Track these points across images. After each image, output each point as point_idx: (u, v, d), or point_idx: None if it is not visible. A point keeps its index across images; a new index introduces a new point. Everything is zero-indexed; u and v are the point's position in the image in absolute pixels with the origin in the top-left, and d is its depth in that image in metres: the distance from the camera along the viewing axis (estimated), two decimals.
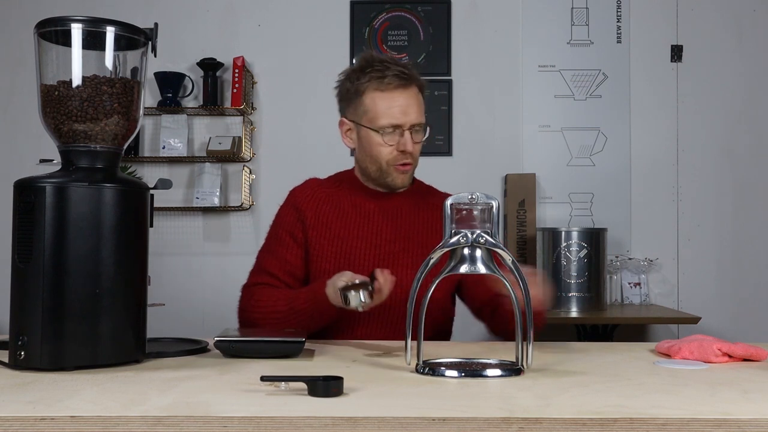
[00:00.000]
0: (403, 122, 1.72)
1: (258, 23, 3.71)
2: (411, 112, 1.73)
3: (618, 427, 0.90)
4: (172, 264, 3.59)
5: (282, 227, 1.81)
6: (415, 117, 1.73)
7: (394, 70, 1.72)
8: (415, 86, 1.75)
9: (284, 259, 1.77)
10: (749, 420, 0.91)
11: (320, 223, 1.78)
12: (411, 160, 1.77)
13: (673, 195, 3.64)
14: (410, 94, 1.74)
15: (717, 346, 1.35)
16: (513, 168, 3.63)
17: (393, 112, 1.72)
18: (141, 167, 3.65)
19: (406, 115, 1.73)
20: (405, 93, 1.73)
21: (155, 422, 0.90)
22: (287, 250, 1.78)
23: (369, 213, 1.79)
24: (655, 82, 3.66)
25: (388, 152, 1.75)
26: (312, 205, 1.80)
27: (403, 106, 1.72)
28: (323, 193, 1.83)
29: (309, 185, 1.87)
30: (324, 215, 1.79)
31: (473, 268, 1.24)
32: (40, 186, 1.21)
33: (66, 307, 1.20)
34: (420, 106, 1.76)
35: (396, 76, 1.72)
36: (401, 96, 1.73)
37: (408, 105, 1.73)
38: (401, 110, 1.72)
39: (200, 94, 3.64)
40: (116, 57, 1.32)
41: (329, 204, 1.81)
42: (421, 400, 1.02)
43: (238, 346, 1.36)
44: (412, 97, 1.74)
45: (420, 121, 1.75)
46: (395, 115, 1.72)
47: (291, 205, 1.83)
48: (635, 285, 3.56)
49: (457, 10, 3.70)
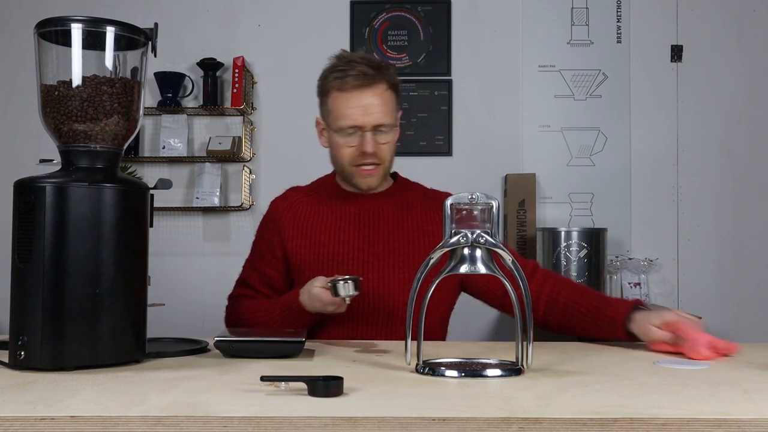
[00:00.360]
0: (364, 123, 1.68)
1: (258, 23, 3.71)
2: (373, 112, 1.67)
3: (618, 427, 0.90)
4: (172, 264, 3.60)
5: (262, 241, 1.84)
6: (377, 117, 1.68)
7: (357, 69, 1.67)
8: (381, 84, 1.69)
9: (263, 272, 1.80)
10: (749, 420, 0.91)
11: (299, 234, 1.77)
12: (374, 160, 1.72)
13: (673, 195, 3.64)
14: (374, 93, 1.68)
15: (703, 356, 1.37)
16: (513, 168, 3.63)
17: (352, 112, 1.67)
18: (141, 167, 3.65)
19: (367, 115, 1.67)
20: (367, 92, 1.67)
21: (155, 422, 0.90)
22: (266, 264, 1.80)
23: (350, 216, 1.78)
24: (655, 82, 3.66)
25: (349, 153, 1.71)
26: (289, 218, 1.80)
27: (363, 107, 1.67)
28: (301, 203, 1.82)
29: (287, 196, 1.87)
30: (303, 225, 1.78)
31: (473, 268, 1.24)
32: (40, 186, 1.21)
33: (66, 307, 1.20)
34: (386, 105, 1.69)
35: (357, 75, 1.66)
36: (362, 96, 1.67)
37: (369, 105, 1.67)
38: (362, 111, 1.67)
39: (200, 94, 3.64)
40: (116, 57, 1.32)
41: (308, 213, 1.80)
42: (421, 400, 1.02)
43: (238, 346, 1.36)
44: (376, 96, 1.68)
45: (383, 122, 1.69)
46: (355, 116, 1.67)
47: (270, 219, 1.85)
48: (635, 285, 3.56)
49: (457, 10, 3.70)
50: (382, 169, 1.75)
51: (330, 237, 1.76)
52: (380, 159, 1.72)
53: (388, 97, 1.70)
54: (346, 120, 1.68)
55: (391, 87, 1.72)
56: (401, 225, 1.78)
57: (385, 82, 1.70)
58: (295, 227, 1.78)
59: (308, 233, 1.77)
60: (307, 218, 1.79)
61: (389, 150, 1.73)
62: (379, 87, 1.69)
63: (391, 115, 1.71)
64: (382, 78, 1.69)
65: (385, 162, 1.74)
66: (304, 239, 1.77)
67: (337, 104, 1.69)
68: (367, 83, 1.67)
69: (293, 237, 1.77)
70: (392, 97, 1.72)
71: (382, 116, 1.68)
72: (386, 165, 1.75)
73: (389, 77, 1.71)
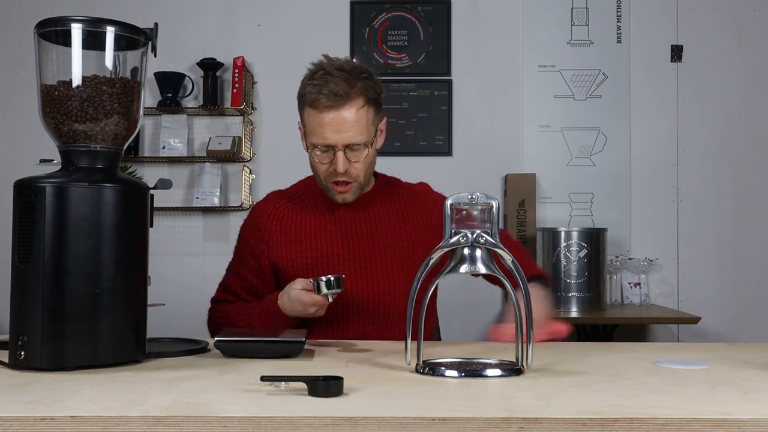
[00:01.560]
0: (335, 142, 1.64)
1: (258, 23, 3.72)
2: (345, 131, 1.63)
3: (618, 427, 0.90)
4: (172, 264, 3.60)
5: (245, 247, 1.81)
6: (349, 137, 1.63)
7: (331, 86, 1.61)
8: (356, 101, 1.64)
9: (246, 279, 1.78)
10: (749, 420, 0.91)
11: (287, 240, 1.75)
12: (346, 179, 1.68)
13: (673, 195, 3.64)
14: (347, 111, 1.63)
15: None
16: (513, 168, 3.63)
17: (324, 132, 1.64)
18: (141, 167, 3.66)
19: (338, 134, 1.63)
20: (339, 112, 1.63)
21: (155, 422, 0.90)
22: (248, 270, 1.78)
23: (338, 219, 1.76)
24: (655, 82, 3.66)
25: (323, 170, 1.69)
26: (275, 224, 1.77)
27: (334, 126, 1.63)
28: (285, 208, 1.80)
29: (270, 201, 1.84)
30: (289, 231, 1.76)
31: (473, 268, 1.24)
32: (40, 186, 1.21)
33: (66, 307, 1.20)
34: (359, 122, 1.64)
35: (329, 95, 1.61)
36: (334, 115, 1.63)
37: (340, 123, 1.63)
38: (332, 130, 1.63)
39: (200, 94, 3.64)
40: (116, 57, 1.32)
41: (294, 217, 1.78)
42: (421, 400, 1.02)
43: (238, 346, 1.36)
44: (350, 114, 1.63)
45: (355, 141, 1.64)
46: (326, 135, 1.64)
47: (253, 225, 1.81)
48: (635, 285, 3.56)
49: (457, 10, 3.70)
50: (357, 185, 1.72)
51: (319, 240, 1.74)
52: (352, 177, 1.69)
53: (362, 114, 1.65)
54: (317, 138, 1.65)
55: (368, 101, 1.67)
56: (388, 223, 1.77)
57: (361, 98, 1.65)
58: (282, 233, 1.76)
59: (297, 238, 1.75)
60: (293, 224, 1.77)
61: (363, 167, 1.69)
62: (352, 105, 1.64)
63: (364, 133, 1.66)
64: (357, 95, 1.64)
65: (359, 179, 1.71)
66: (293, 244, 1.75)
67: (311, 121, 1.66)
68: (340, 103, 1.62)
69: (282, 243, 1.75)
70: (369, 112, 1.67)
71: (355, 135, 1.64)
72: (361, 181, 1.72)
73: (367, 91, 1.66)
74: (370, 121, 1.68)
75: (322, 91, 1.62)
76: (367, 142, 1.67)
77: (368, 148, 1.68)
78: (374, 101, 1.69)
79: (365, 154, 1.68)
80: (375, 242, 1.75)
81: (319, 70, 1.66)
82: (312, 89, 1.64)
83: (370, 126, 1.68)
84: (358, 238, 1.75)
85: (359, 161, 1.68)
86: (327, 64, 1.67)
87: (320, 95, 1.62)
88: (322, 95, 1.62)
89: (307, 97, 1.65)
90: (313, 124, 1.65)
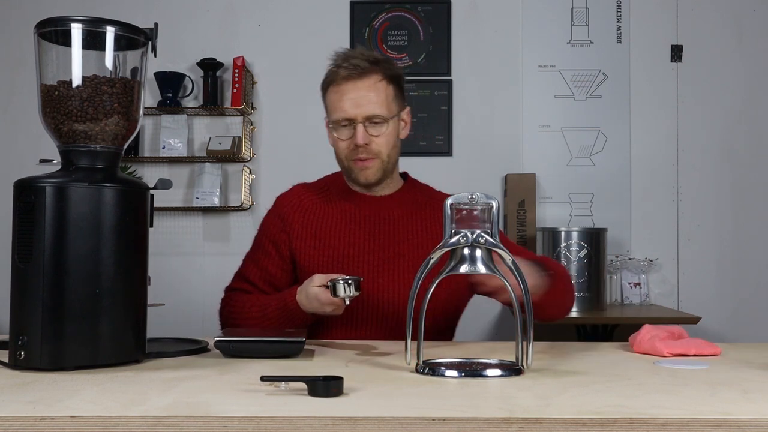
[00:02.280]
0: (354, 115, 1.64)
1: (258, 23, 3.72)
2: (364, 104, 1.64)
3: (618, 427, 0.90)
4: (172, 264, 3.60)
5: (266, 236, 1.79)
6: (369, 108, 1.64)
7: (351, 61, 1.64)
8: (376, 75, 1.65)
9: (265, 269, 1.76)
10: (749, 420, 0.91)
11: (308, 233, 1.74)
12: (368, 155, 1.67)
13: (673, 195, 3.64)
14: (366, 85, 1.65)
15: (668, 350, 1.40)
16: (513, 168, 3.63)
17: (343, 104, 1.65)
18: (141, 167, 3.66)
19: (358, 107, 1.64)
20: (359, 84, 1.64)
21: (155, 422, 0.90)
22: (269, 260, 1.76)
23: (359, 218, 1.74)
24: (655, 82, 3.66)
25: (344, 147, 1.69)
26: (298, 216, 1.76)
27: (354, 98, 1.64)
28: (310, 202, 1.78)
29: (295, 192, 1.82)
30: (311, 225, 1.75)
31: (473, 268, 1.24)
32: (40, 186, 1.21)
33: (66, 307, 1.20)
34: (380, 95, 1.65)
35: (348, 67, 1.64)
36: (354, 87, 1.64)
37: (361, 96, 1.64)
38: (352, 102, 1.64)
39: (200, 94, 3.64)
40: (116, 57, 1.32)
41: (317, 212, 1.76)
42: (421, 400, 1.02)
43: (238, 346, 1.36)
44: (369, 87, 1.65)
45: (375, 113, 1.65)
46: (345, 108, 1.64)
47: (276, 215, 1.80)
48: (635, 285, 3.56)
49: (457, 10, 3.70)
50: (380, 162, 1.70)
51: (339, 239, 1.72)
52: (374, 152, 1.68)
53: (382, 87, 1.67)
54: (338, 113, 1.66)
55: (388, 78, 1.68)
56: (410, 228, 1.75)
57: (380, 73, 1.67)
58: (304, 226, 1.75)
59: (317, 233, 1.74)
60: (316, 218, 1.76)
61: (385, 143, 1.68)
62: (371, 78, 1.66)
63: (385, 107, 1.66)
64: (377, 70, 1.66)
65: (381, 155, 1.69)
66: (313, 239, 1.73)
67: (331, 98, 1.68)
68: (359, 74, 1.64)
69: (302, 236, 1.74)
70: (388, 88, 1.68)
71: (375, 107, 1.65)
72: (383, 159, 1.70)
73: (386, 69, 1.68)
74: (391, 98, 1.69)
75: (341, 65, 1.65)
76: (387, 116, 1.67)
77: (388, 122, 1.67)
78: (395, 80, 1.70)
79: (385, 129, 1.67)
80: (392, 247, 1.72)
81: (340, 56, 1.69)
82: (333, 68, 1.67)
83: (391, 103, 1.69)
84: (376, 240, 1.72)
85: (380, 135, 1.67)
86: (348, 51, 1.71)
87: (340, 69, 1.65)
88: (341, 68, 1.65)
89: (328, 78, 1.68)
90: (333, 100, 1.67)
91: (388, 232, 1.74)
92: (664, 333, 1.46)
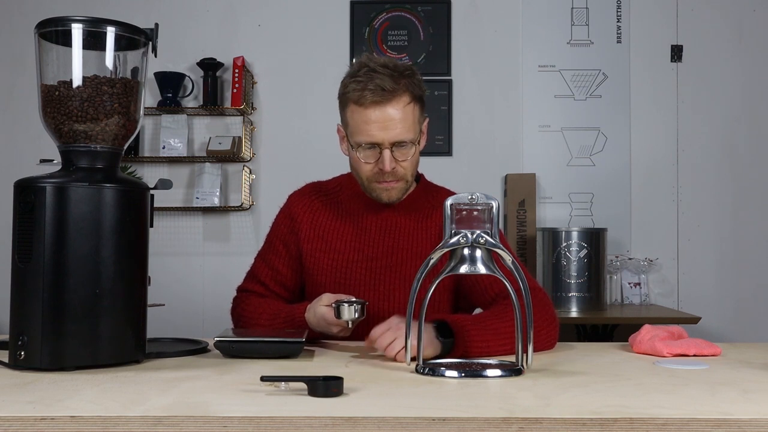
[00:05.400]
0: (381, 140, 1.59)
1: (258, 23, 3.72)
2: (391, 128, 1.58)
3: (618, 427, 0.90)
4: (172, 264, 3.60)
5: (277, 236, 1.78)
6: (396, 134, 1.58)
7: (377, 82, 1.56)
8: (402, 98, 1.59)
9: (276, 268, 1.75)
10: (749, 420, 0.91)
11: (316, 235, 1.73)
12: (393, 178, 1.64)
13: (673, 195, 3.64)
14: (394, 108, 1.58)
15: (668, 351, 1.40)
16: (513, 168, 3.63)
17: (370, 129, 1.58)
18: (141, 167, 3.66)
19: (385, 131, 1.58)
20: (386, 108, 1.58)
21: (155, 422, 0.90)
22: (279, 259, 1.75)
23: (369, 225, 1.72)
24: (655, 82, 3.66)
25: (368, 169, 1.64)
26: (308, 216, 1.75)
27: (381, 123, 1.58)
28: (320, 202, 1.77)
29: (307, 192, 1.81)
30: (320, 226, 1.74)
31: (473, 268, 1.24)
32: (40, 186, 1.22)
33: (66, 307, 1.20)
34: (406, 119, 1.59)
35: (375, 90, 1.56)
36: (381, 112, 1.57)
37: (387, 121, 1.58)
38: (379, 127, 1.58)
39: (200, 94, 3.64)
40: (116, 57, 1.32)
41: (326, 213, 1.75)
42: (421, 400, 1.02)
43: (238, 346, 1.36)
44: (397, 111, 1.58)
45: (403, 138, 1.59)
46: (372, 133, 1.58)
47: (287, 214, 1.78)
48: (635, 285, 3.56)
49: (457, 10, 3.70)
50: (404, 183, 1.68)
51: (345, 243, 1.71)
52: (399, 176, 1.65)
53: (409, 111, 1.60)
54: (363, 136, 1.60)
55: (414, 99, 1.62)
56: (420, 236, 1.72)
57: (407, 94, 1.60)
58: (312, 228, 1.74)
59: (326, 237, 1.72)
60: (326, 220, 1.74)
61: (410, 166, 1.65)
62: (399, 101, 1.59)
63: (411, 131, 1.61)
64: (404, 91, 1.59)
65: (405, 177, 1.67)
66: (320, 242, 1.72)
67: (355, 119, 1.60)
68: (386, 99, 1.57)
69: (310, 237, 1.73)
70: (414, 110, 1.62)
71: (402, 132, 1.59)
72: (408, 180, 1.68)
73: (412, 88, 1.61)
74: (416, 119, 1.63)
75: (367, 86, 1.57)
76: (414, 139, 1.62)
77: (415, 145, 1.64)
78: (419, 99, 1.64)
79: (412, 153, 1.64)
80: (393, 257, 1.70)
81: (362, 67, 1.60)
82: (356, 86, 1.58)
83: (416, 124, 1.63)
84: (381, 247, 1.70)
85: (406, 159, 1.63)
86: (369, 61, 1.61)
87: (365, 91, 1.57)
88: (367, 91, 1.56)
89: (351, 95, 1.59)
90: (358, 122, 1.60)
91: (395, 239, 1.72)
92: (664, 333, 1.46)
